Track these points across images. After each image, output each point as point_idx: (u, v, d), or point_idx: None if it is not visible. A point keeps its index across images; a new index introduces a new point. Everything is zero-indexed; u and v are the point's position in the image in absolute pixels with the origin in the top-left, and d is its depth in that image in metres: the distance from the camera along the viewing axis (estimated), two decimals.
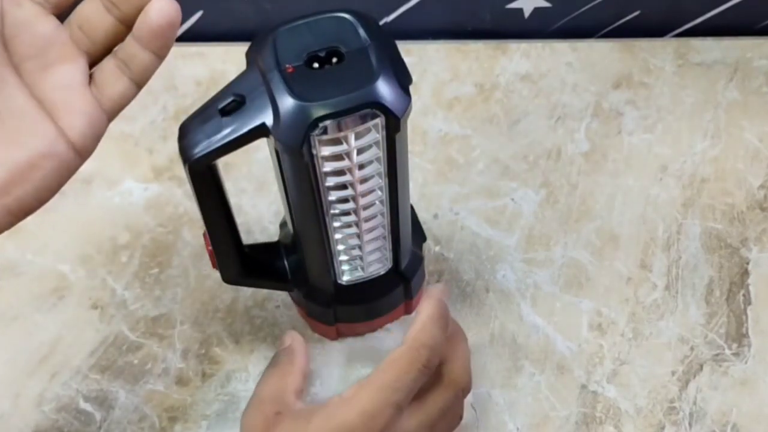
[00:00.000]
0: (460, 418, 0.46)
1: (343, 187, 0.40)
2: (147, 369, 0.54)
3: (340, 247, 0.45)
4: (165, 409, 0.53)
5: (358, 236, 0.44)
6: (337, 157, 0.38)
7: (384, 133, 0.37)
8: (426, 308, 0.44)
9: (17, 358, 0.55)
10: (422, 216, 0.60)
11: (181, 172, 0.41)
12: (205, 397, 0.53)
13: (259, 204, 0.61)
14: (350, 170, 0.39)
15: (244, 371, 0.54)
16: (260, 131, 0.37)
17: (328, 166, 0.38)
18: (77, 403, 0.53)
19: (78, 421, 0.52)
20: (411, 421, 0.42)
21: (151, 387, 0.54)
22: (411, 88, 0.37)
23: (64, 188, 0.38)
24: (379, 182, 0.40)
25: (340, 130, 0.36)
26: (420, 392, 0.43)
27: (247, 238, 0.49)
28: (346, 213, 0.42)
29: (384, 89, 0.36)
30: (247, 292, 0.57)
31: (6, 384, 0.54)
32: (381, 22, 0.72)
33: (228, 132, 0.37)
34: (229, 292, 0.57)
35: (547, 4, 0.71)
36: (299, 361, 0.48)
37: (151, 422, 0.52)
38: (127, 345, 0.55)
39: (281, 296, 0.56)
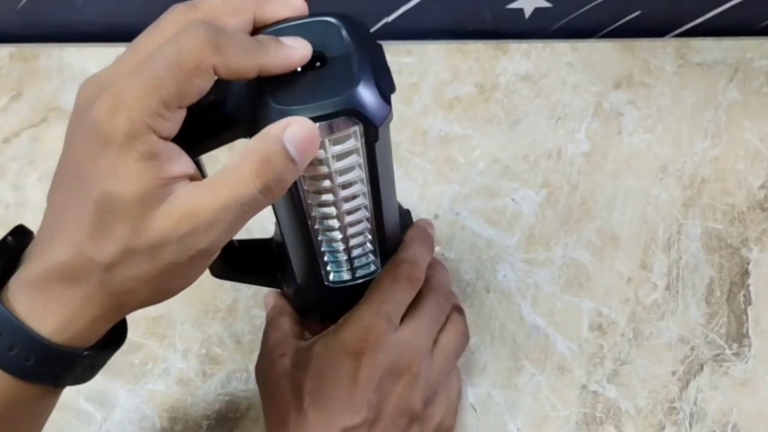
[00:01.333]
0: (467, 338, 0.51)
1: (323, 191, 0.39)
2: (148, 369, 0.54)
3: (325, 250, 0.44)
4: (166, 409, 0.53)
5: (343, 240, 0.43)
6: (316, 162, 0.37)
7: (363, 140, 0.37)
8: (409, 232, 0.49)
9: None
10: (423, 216, 0.60)
11: None
12: (205, 397, 0.53)
13: None
14: (330, 176, 0.38)
15: (245, 371, 0.54)
16: (239, 131, 0.37)
17: (306, 171, 0.38)
18: (78, 402, 0.53)
19: (78, 421, 0.52)
20: (406, 332, 0.46)
21: (151, 387, 0.54)
22: (411, 89, 0.37)
23: None
24: (362, 188, 0.40)
25: None
26: (411, 307, 0.47)
27: (245, 238, 0.49)
28: (329, 217, 0.41)
29: (363, 97, 0.35)
30: (247, 292, 0.57)
31: None
32: (381, 23, 0.72)
33: (207, 131, 0.37)
34: (230, 292, 0.57)
35: (548, 5, 0.71)
36: (289, 312, 0.51)
37: (152, 422, 0.52)
38: (128, 345, 0.55)
39: None
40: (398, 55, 0.68)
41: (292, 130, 0.34)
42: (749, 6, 0.70)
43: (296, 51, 0.35)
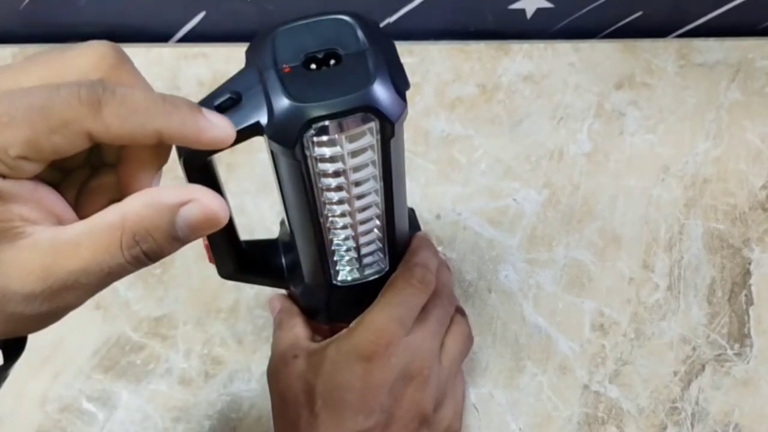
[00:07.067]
0: (471, 340, 0.51)
1: (336, 189, 0.39)
2: (150, 369, 0.54)
3: (335, 249, 0.45)
4: (168, 409, 0.53)
5: (354, 238, 0.44)
6: (331, 159, 0.38)
7: (378, 137, 0.37)
8: (415, 241, 0.49)
9: (20, 358, 0.55)
10: (425, 216, 0.60)
11: None
12: (207, 397, 0.53)
13: (261, 204, 0.62)
14: (344, 173, 0.38)
15: (247, 371, 0.54)
16: (254, 130, 0.37)
17: (321, 168, 0.38)
18: (80, 403, 0.53)
19: (81, 421, 0.53)
20: (417, 336, 0.46)
21: (153, 387, 0.54)
22: (413, 89, 0.37)
23: None
24: (375, 186, 0.40)
25: (333, 132, 0.36)
26: (422, 312, 0.47)
27: (248, 238, 0.49)
28: (341, 215, 0.41)
29: (379, 93, 0.35)
30: (249, 292, 0.57)
31: (9, 384, 0.54)
32: (383, 23, 0.72)
33: None
34: (232, 292, 0.57)
35: (550, 5, 0.71)
36: (298, 314, 0.51)
37: (154, 422, 0.52)
38: (130, 345, 0.56)
39: None
40: (400, 56, 0.68)
41: (191, 211, 0.29)
42: (750, 7, 0.70)
43: (213, 129, 0.31)
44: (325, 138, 0.36)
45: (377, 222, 0.43)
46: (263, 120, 0.36)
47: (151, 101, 0.29)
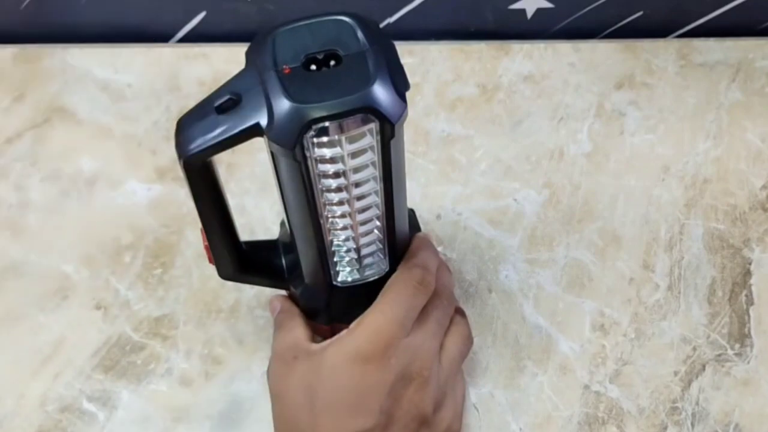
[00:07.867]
0: (471, 340, 0.51)
1: (337, 190, 0.39)
2: (150, 369, 0.54)
3: (335, 249, 0.45)
4: (168, 409, 0.53)
5: (354, 239, 0.44)
6: (331, 160, 0.38)
7: (378, 138, 0.37)
8: (414, 242, 0.49)
9: (21, 358, 0.55)
10: (425, 216, 0.60)
11: None
12: (208, 397, 0.53)
13: (261, 204, 0.62)
14: (344, 173, 0.39)
15: (248, 371, 0.54)
16: (254, 131, 0.37)
17: (321, 169, 0.38)
18: (80, 403, 0.53)
19: (81, 421, 0.53)
20: (416, 337, 0.46)
21: (154, 387, 0.54)
22: (413, 89, 0.37)
23: (68, 189, 0.38)
24: (375, 186, 0.40)
25: (333, 133, 0.36)
26: (421, 313, 0.47)
27: (248, 238, 0.50)
28: (341, 216, 0.42)
29: (379, 94, 0.35)
30: (250, 292, 0.57)
31: (9, 384, 0.54)
32: (383, 23, 0.72)
33: (222, 130, 0.37)
34: (232, 292, 0.57)
35: (550, 5, 0.71)
36: (298, 314, 0.51)
37: (155, 422, 0.52)
38: (131, 345, 0.56)
39: None
40: (400, 56, 0.68)
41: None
42: (751, 7, 0.70)
43: None
44: (325, 139, 0.36)
45: (377, 223, 0.43)
46: (263, 121, 0.36)
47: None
